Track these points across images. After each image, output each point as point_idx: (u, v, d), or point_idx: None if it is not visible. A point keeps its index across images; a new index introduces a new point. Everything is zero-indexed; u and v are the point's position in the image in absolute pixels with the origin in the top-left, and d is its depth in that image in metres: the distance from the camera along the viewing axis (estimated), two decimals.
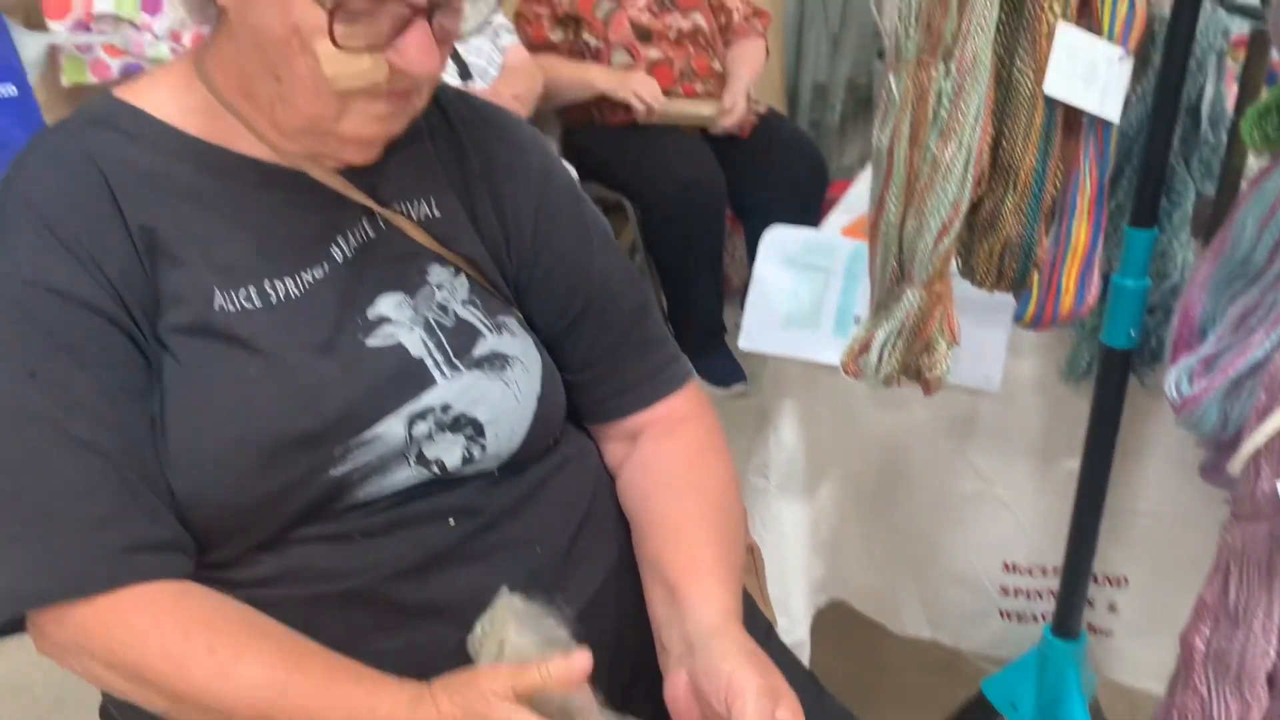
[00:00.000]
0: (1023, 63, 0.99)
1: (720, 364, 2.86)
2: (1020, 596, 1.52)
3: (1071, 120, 1.05)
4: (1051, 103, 1.00)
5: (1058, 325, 1.12)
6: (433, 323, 0.91)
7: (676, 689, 0.86)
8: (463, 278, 0.94)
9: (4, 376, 0.79)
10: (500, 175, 0.97)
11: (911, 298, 1.04)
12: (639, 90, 2.73)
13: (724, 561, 0.94)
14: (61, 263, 0.80)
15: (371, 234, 0.92)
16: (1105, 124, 1.03)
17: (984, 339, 1.34)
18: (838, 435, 1.50)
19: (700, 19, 2.89)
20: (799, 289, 1.45)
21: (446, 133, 0.97)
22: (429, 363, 0.90)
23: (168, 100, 0.88)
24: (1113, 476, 1.27)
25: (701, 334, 2.88)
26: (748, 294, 1.47)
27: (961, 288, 1.11)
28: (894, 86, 0.97)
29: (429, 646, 0.88)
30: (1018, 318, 1.12)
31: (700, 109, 2.83)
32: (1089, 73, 0.99)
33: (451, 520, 0.90)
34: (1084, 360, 1.29)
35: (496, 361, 0.93)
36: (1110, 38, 0.99)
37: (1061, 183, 1.06)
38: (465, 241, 0.95)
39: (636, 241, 2.97)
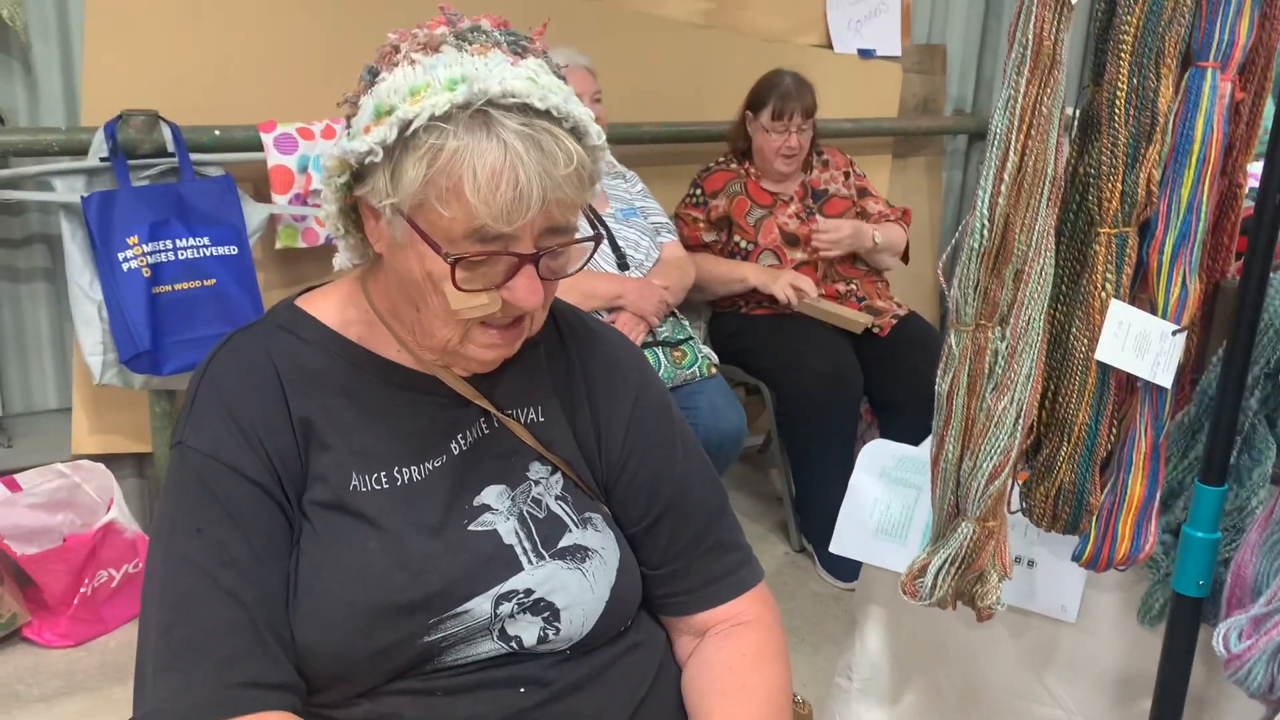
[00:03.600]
0: (1078, 331, 1.10)
1: (843, 557, 2.88)
2: None
3: (1132, 382, 1.13)
4: (1105, 367, 1.10)
5: (1115, 569, 1.18)
6: (526, 515, 1.06)
7: None
8: (558, 475, 1.09)
9: (179, 529, 0.97)
10: (600, 391, 1.13)
11: (965, 530, 1.13)
12: (795, 282, 2.89)
13: None
14: (236, 442, 0.99)
15: (485, 431, 1.08)
16: (1160, 388, 1.12)
17: (1062, 571, 1.40)
18: (921, 646, 1.55)
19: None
20: (890, 502, 1.54)
21: (558, 348, 1.14)
22: (518, 550, 1.04)
23: (336, 311, 1.08)
24: None
25: (826, 525, 2.91)
26: (843, 501, 1.57)
27: None
28: (954, 343, 1.09)
29: None
30: (1075, 557, 1.19)
31: (847, 314, 2.93)
32: (1141, 344, 1.08)
33: (522, 689, 1.02)
34: (1157, 604, 1.32)
35: (578, 553, 1.06)
36: (1164, 315, 1.09)
37: (1118, 438, 1.14)
38: (563, 444, 1.10)
39: (771, 427, 3.08)
